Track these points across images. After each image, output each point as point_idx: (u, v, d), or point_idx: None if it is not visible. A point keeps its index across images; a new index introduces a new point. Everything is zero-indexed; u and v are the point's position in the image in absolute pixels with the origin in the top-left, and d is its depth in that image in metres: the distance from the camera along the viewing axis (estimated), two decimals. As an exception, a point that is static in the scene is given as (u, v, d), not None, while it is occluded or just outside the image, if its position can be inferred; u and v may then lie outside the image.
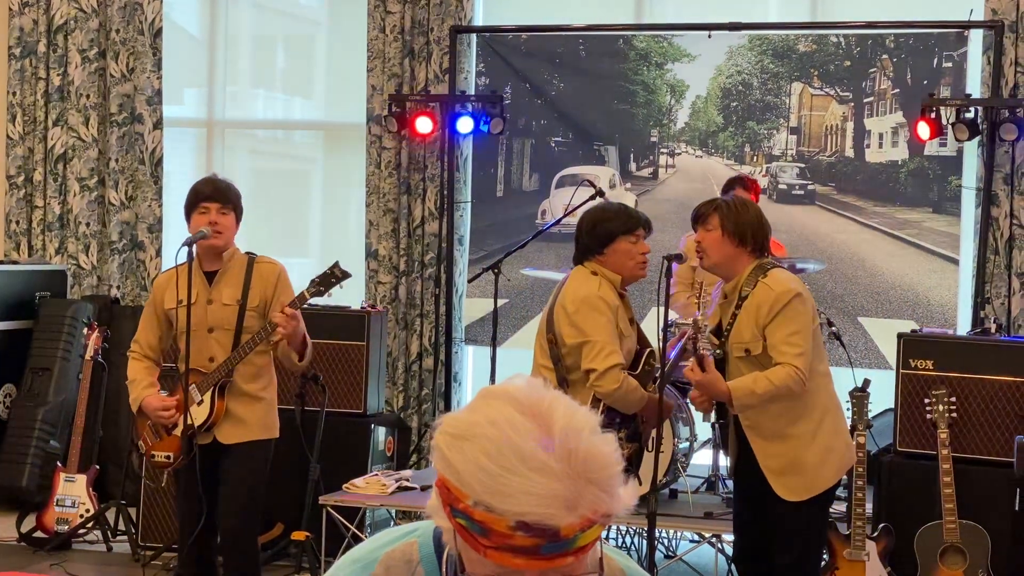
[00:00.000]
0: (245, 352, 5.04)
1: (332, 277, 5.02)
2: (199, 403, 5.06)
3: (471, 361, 8.64)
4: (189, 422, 5.03)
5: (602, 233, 4.83)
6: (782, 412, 4.65)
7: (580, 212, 5.16)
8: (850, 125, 7.87)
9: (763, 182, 7.89)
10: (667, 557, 6.70)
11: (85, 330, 7.44)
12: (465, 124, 8.04)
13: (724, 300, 4.77)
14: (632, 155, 8.30)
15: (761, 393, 4.54)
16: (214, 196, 5.11)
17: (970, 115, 7.25)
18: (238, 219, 5.20)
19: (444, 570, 1.71)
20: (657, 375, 4.87)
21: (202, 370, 5.09)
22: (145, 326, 5.27)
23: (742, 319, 4.64)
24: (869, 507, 5.86)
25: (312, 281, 5.06)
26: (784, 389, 4.54)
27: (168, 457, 5.16)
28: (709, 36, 7.94)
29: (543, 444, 1.53)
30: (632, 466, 4.80)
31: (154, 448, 5.22)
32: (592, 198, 6.42)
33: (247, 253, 5.26)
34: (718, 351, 4.69)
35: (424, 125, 8.06)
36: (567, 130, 8.37)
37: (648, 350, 4.89)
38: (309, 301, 5.13)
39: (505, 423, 1.55)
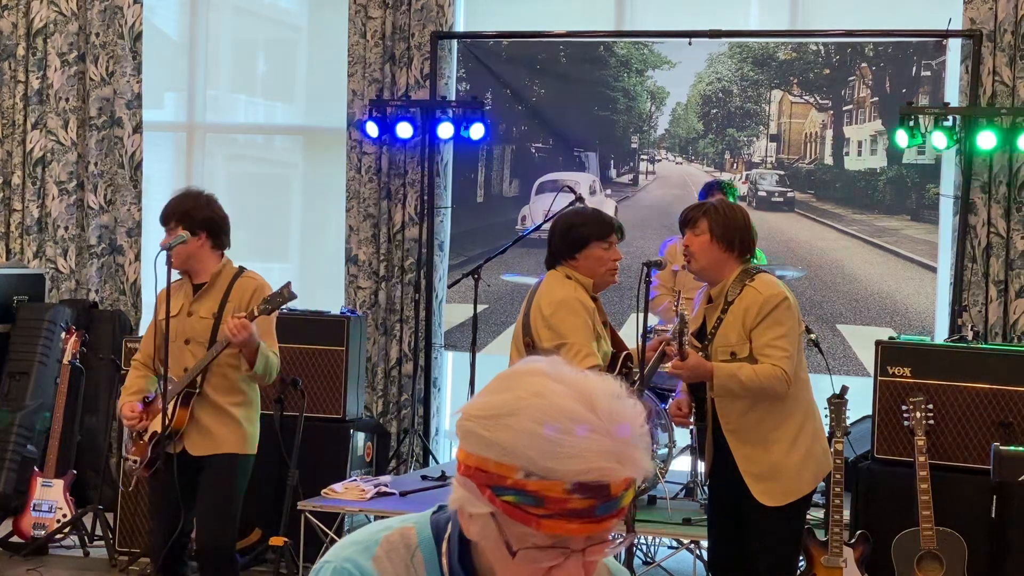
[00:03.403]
0: (205, 363, 5.01)
1: (279, 296, 4.99)
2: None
3: (451, 366, 8.63)
4: (157, 430, 5.03)
5: (576, 238, 4.83)
6: (763, 417, 4.66)
7: (558, 217, 5.17)
8: (829, 133, 7.90)
9: (743, 189, 7.92)
10: (646, 563, 6.70)
11: (63, 334, 7.41)
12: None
13: (709, 304, 4.79)
14: (612, 161, 8.32)
15: (743, 380, 4.54)
16: (161, 219, 5.10)
17: (948, 123, 7.29)
18: (196, 232, 5.05)
19: (445, 556, 1.73)
20: (636, 378, 4.88)
21: (174, 380, 5.08)
22: (147, 335, 5.32)
23: (728, 322, 4.65)
24: (846, 514, 5.88)
25: (264, 299, 5.01)
26: (767, 386, 4.55)
27: (135, 461, 5.17)
28: (690, 43, 7.96)
29: (587, 406, 1.59)
30: None
31: (128, 452, 5.24)
32: (572, 204, 6.43)
33: (239, 267, 5.21)
34: (700, 354, 4.70)
35: (404, 130, 8.06)
36: (547, 136, 8.38)
37: (625, 352, 4.90)
38: (280, 310, 5.09)
39: (549, 392, 1.60)
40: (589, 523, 1.58)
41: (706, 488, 6.52)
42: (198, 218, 5.06)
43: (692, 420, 4.99)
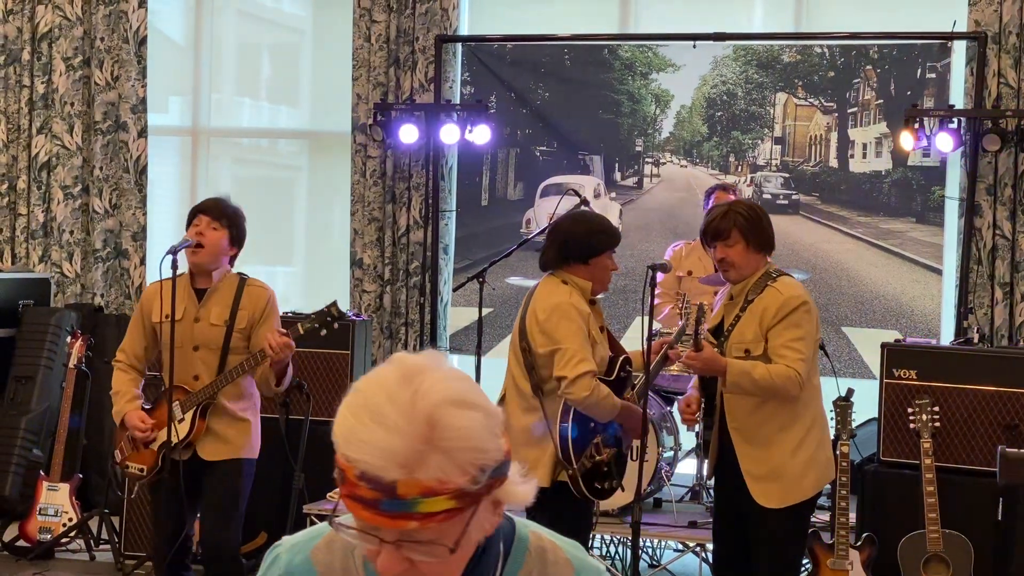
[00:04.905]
0: (233, 377, 5.00)
1: (328, 316, 4.99)
2: (180, 421, 5.03)
3: (456, 370, 8.62)
4: (172, 440, 5.00)
5: (595, 244, 4.82)
6: (770, 418, 4.66)
7: (564, 221, 5.14)
8: (834, 135, 7.89)
9: (747, 192, 7.92)
10: (651, 566, 6.70)
11: (68, 338, 7.42)
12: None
13: (729, 301, 4.81)
14: (617, 164, 8.32)
15: (756, 378, 4.55)
16: (208, 209, 5.06)
17: (953, 126, 7.28)
18: (233, 240, 5.08)
19: None
20: (636, 383, 4.87)
21: (186, 387, 5.05)
22: (131, 336, 5.21)
23: (746, 320, 4.67)
24: (852, 516, 5.87)
25: (309, 317, 5.01)
26: (780, 386, 4.55)
27: (141, 470, 5.13)
28: (694, 46, 7.96)
29: (394, 400, 1.58)
30: (614, 472, 4.79)
31: (129, 459, 5.18)
32: (576, 207, 6.42)
33: (239, 274, 5.21)
34: (715, 350, 4.71)
35: (409, 134, 8.06)
36: (552, 139, 8.38)
37: (623, 357, 4.88)
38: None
39: (376, 381, 1.61)
40: (378, 516, 1.57)
41: (711, 492, 6.54)
42: (243, 232, 5.15)
43: (700, 419, 4.99)
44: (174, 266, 4.98)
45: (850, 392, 5.86)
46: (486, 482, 1.60)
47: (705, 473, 6.76)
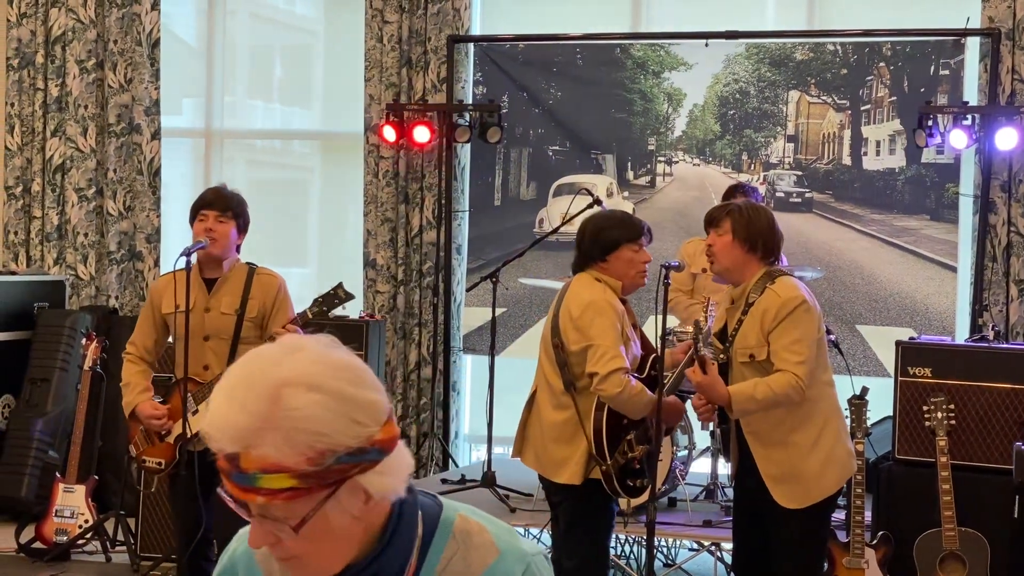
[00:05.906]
0: None
1: (335, 298, 5.00)
2: (194, 413, 5.05)
3: (469, 370, 8.63)
4: (188, 433, 5.01)
5: (606, 240, 4.81)
6: (783, 419, 4.64)
7: (579, 220, 5.14)
8: (847, 133, 7.88)
9: (761, 190, 7.90)
10: (666, 565, 6.70)
11: (84, 340, 7.44)
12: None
13: (731, 305, 4.78)
14: (630, 164, 8.31)
15: (761, 399, 4.54)
16: (213, 203, 5.11)
17: (967, 122, 7.26)
18: (240, 229, 5.15)
19: None
20: (666, 382, 4.86)
21: (197, 379, 5.07)
22: (142, 328, 5.24)
23: (748, 324, 4.64)
24: (868, 515, 5.86)
25: (315, 300, 5.03)
26: (783, 396, 4.54)
27: (159, 463, 5.15)
28: (706, 45, 7.95)
29: (245, 379, 1.62)
30: (646, 470, 4.78)
31: (145, 453, 5.20)
32: (590, 207, 6.42)
33: (248, 263, 5.23)
34: (721, 356, 4.69)
35: (422, 134, 8.07)
36: (564, 139, 8.37)
37: (653, 355, 4.87)
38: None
39: (247, 359, 1.66)
40: (235, 489, 1.63)
41: (726, 490, 6.54)
42: (248, 219, 5.22)
43: (716, 417, 4.97)
44: (188, 266, 5.01)
45: (865, 390, 5.84)
46: (334, 466, 1.60)
47: (721, 474, 6.76)
